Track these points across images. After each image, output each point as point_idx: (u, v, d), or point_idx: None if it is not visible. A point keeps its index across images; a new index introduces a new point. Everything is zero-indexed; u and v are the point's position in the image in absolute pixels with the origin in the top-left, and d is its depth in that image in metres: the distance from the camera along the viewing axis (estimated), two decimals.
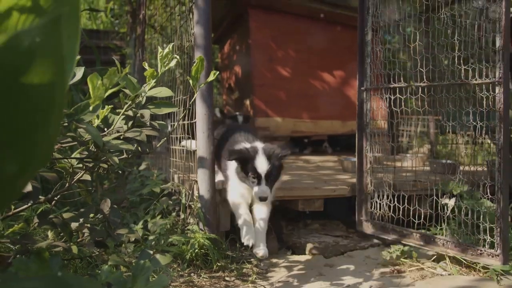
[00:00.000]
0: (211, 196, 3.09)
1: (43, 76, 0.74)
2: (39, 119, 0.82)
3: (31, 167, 0.86)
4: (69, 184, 2.29)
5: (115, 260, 1.96)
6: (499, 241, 2.77)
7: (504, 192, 2.76)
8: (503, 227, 2.76)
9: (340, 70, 6.43)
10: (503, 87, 2.71)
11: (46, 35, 0.71)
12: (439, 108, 3.20)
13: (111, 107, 2.13)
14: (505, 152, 2.75)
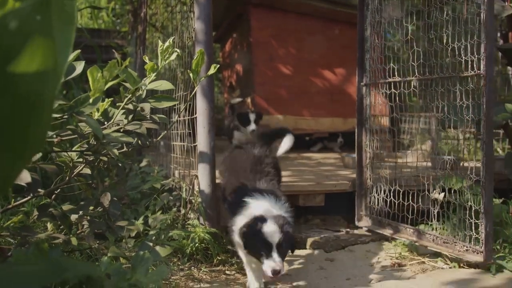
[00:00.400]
0: (211, 190, 3.10)
1: (33, 59, 0.74)
2: (30, 105, 0.82)
3: (23, 156, 0.87)
4: (69, 178, 2.30)
5: (115, 252, 1.97)
6: (483, 238, 2.72)
7: (488, 187, 2.70)
8: (486, 223, 2.70)
9: (341, 68, 6.43)
10: (487, 80, 2.65)
11: (34, 16, 0.70)
12: (429, 102, 3.18)
13: (111, 100, 2.14)
14: (488, 147, 2.70)
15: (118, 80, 2.05)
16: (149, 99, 2.33)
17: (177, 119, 3.39)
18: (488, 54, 2.63)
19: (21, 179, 1.85)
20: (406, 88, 3.18)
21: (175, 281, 2.70)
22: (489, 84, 2.63)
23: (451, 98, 2.95)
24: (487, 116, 2.66)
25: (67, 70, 2.12)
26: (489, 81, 2.64)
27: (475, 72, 2.71)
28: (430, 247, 3.05)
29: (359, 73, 3.49)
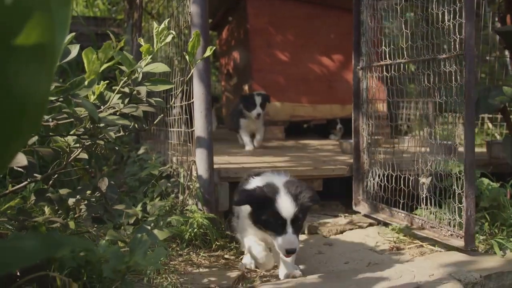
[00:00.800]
0: (209, 175, 3.09)
1: (31, 35, 0.72)
2: (27, 82, 0.80)
3: (19, 136, 0.85)
4: (66, 163, 2.29)
5: (113, 235, 1.96)
6: (464, 222, 2.69)
7: (469, 171, 2.66)
8: (467, 207, 2.66)
9: (339, 54, 6.40)
10: (466, 60, 2.61)
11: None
12: (417, 85, 3.16)
13: (106, 82, 2.12)
14: (469, 129, 2.66)
15: (114, 62, 2.03)
16: (145, 82, 2.31)
17: (174, 103, 3.37)
18: (467, 34, 2.58)
19: (17, 162, 1.83)
20: (396, 71, 3.16)
21: (174, 266, 2.70)
22: (469, 64, 2.59)
23: (436, 80, 2.92)
24: (468, 98, 2.62)
25: (63, 53, 2.11)
26: (469, 61, 2.59)
27: (456, 52, 2.68)
28: (418, 232, 3.05)
29: (355, 56, 3.47)
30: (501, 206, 3.33)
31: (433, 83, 2.96)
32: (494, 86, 3.81)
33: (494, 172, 3.79)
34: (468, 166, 2.63)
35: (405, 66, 3.21)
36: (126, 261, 1.85)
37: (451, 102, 2.86)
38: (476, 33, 3.31)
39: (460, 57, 2.66)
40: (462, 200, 2.71)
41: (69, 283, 1.74)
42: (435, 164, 3.07)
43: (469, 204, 2.65)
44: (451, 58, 2.74)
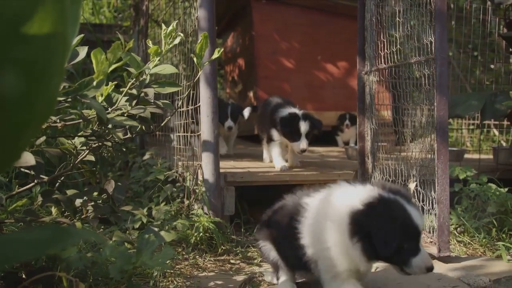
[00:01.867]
0: (215, 179, 3.08)
1: (43, 24, 0.72)
2: (39, 72, 0.80)
3: (30, 125, 0.85)
4: (73, 165, 2.28)
5: (119, 236, 1.96)
6: (436, 228, 2.65)
7: (441, 175, 2.63)
8: (439, 213, 2.62)
9: (344, 61, 6.41)
10: (437, 63, 2.59)
11: None
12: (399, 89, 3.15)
13: (115, 83, 2.12)
14: (441, 132, 2.63)
15: (122, 62, 2.04)
16: (153, 85, 2.32)
17: (180, 106, 3.38)
18: (438, 37, 2.57)
19: (25, 161, 1.83)
20: (401, 73, 3.16)
21: (179, 269, 2.68)
22: (440, 67, 2.57)
23: (411, 85, 2.92)
24: (439, 102, 2.60)
25: (71, 54, 2.11)
26: (440, 64, 2.58)
27: (428, 56, 2.67)
28: None
29: (359, 60, 3.47)
30: (509, 212, 3.30)
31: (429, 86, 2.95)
32: (501, 92, 3.80)
33: (501, 178, 3.77)
34: (441, 171, 2.60)
35: (409, 68, 3.20)
36: (133, 262, 1.84)
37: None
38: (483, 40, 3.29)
39: (431, 61, 2.66)
40: (434, 206, 2.67)
41: (76, 283, 1.73)
42: (420, 171, 3.03)
43: (442, 210, 2.61)
44: (419, 62, 2.75)
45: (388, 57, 3.19)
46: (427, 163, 2.92)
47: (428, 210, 2.86)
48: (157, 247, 1.85)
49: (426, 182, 2.91)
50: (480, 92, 4.45)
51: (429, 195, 2.79)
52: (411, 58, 2.84)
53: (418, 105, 3.52)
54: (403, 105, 3.81)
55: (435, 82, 2.62)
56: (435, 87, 2.62)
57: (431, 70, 2.69)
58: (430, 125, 2.93)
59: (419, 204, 2.95)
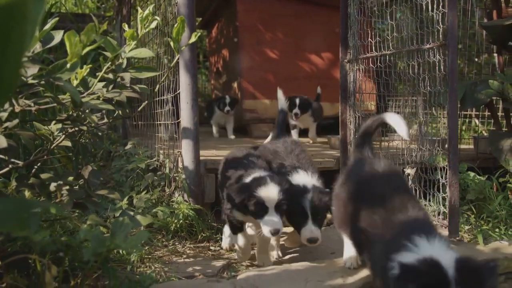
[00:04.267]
0: (195, 167, 3.07)
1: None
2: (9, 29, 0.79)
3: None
4: (49, 150, 2.26)
5: (94, 219, 1.94)
6: (447, 211, 2.70)
7: (453, 160, 2.67)
8: (451, 196, 2.67)
9: (328, 53, 6.41)
10: (449, 50, 2.62)
11: None
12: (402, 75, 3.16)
13: (89, 66, 2.10)
14: (452, 119, 2.66)
15: (96, 45, 2.01)
16: (130, 69, 2.30)
17: (158, 92, 3.35)
18: (450, 24, 2.59)
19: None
20: (383, 63, 3.17)
21: (158, 256, 2.68)
22: (451, 54, 2.60)
23: (420, 71, 2.94)
24: (451, 87, 2.63)
25: (46, 38, 2.09)
26: (452, 51, 2.60)
27: (439, 43, 2.69)
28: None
29: (342, 49, 3.48)
30: (487, 199, 3.34)
31: (417, 74, 2.97)
32: (481, 81, 3.82)
33: (481, 166, 3.81)
34: (452, 155, 2.64)
35: (392, 58, 3.22)
36: (107, 245, 1.82)
37: (435, 93, 2.87)
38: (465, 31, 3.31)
39: (443, 47, 2.67)
40: (446, 189, 2.71)
41: (48, 265, 1.71)
42: (420, 156, 3.08)
43: (453, 193, 2.65)
44: (434, 48, 2.75)
45: (377, 47, 3.21)
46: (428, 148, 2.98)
47: (432, 194, 2.90)
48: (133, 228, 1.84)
49: (425, 168, 3.01)
50: (460, 81, 4.47)
51: (434, 180, 2.88)
52: (424, 45, 2.83)
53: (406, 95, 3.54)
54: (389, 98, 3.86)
55: (447, 68, 2.64)
56: (447, 72, 2.65)
57: (438, 56, 2.72)
58: (414, 116, 2.98)
59: (421, 189, 2.99)
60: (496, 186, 3.49)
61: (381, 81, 3.59)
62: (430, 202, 2.96)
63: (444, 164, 3.82)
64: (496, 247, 2.69)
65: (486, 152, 4.20)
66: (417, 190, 3.04)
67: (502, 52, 4.10)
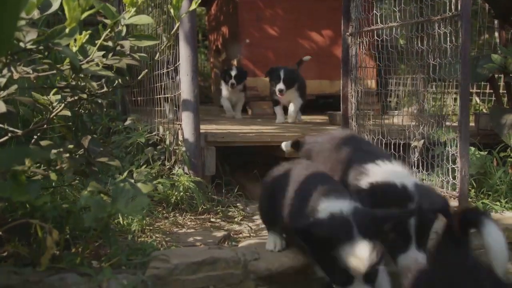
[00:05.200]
0: (195, 139, 3.06)
1: None
2: None
3: None
4: (48, 119, 2.24)
5: (94, 186, 1.93)
6: (458, 182, 2.70)
7: (464, 131, 2.67)
8: (461, 167, 2.67)
9: (329, 30, 6.34)
10: (463, 20, 2.59)
11: None
12: (410, 47, 3.12)
13: (89, 32, 2.07)
14: (464, 89, 2.65)
15: (95, 10, 1.98)
16: (129, 37, 2.27)
17: (158, 59, 3.32)
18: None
19: None
20: (388, 36, 3.14)
21: (159, 226, 2.68)
22: (465, 24, 2.56)
23: (430, 43, 2.90)
24: (464, 59, 2.60)
25: (43, 4, 2.05)
26: (466, 21, 2.57)
27: (452, 13, 2.66)
28: None
29: (344, 22, 3.45)
30: (488, 173, 3.34)
31: (426, 46, 2.93)
32: (483, 56, 3.80)
33: (481, 142, 3.80)
34: (463, 126, 2.63)
35: (397, 31, 3.18)
36: (108, 210, 1.82)
37: (445, 64, 2.84)
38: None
39: (456, 18, 2.63)
40: (456, 160, 2.71)
41: (49, 229, 1.71)
42: (428, 128, 3.07)
43: (464, 164, 2.66)
44: (446, 19, 2.71)
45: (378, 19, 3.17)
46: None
47: (440, 166, 2.90)
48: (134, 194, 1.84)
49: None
50: None
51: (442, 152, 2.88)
52: (435, 16, 2.78)
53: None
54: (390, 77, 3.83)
55: (461, 38, 2.60)
56: (459, 43, 2.61)
57: (450, 27, 2.69)
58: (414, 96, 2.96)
59: (428, 161, 2.98)
60: (497, 161, 3.48)
61: (383, 56, 3.56)
62: (437, 173, 2.96)
63: (454, 136, 3.82)
64: (497, 219, 2.70)
65: (486, 128, 4.19)
66: (425, 162, 3.03)
67: (505, 27, 4.06)
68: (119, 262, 1.94)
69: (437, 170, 3.00)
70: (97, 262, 1.98)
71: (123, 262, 1.94)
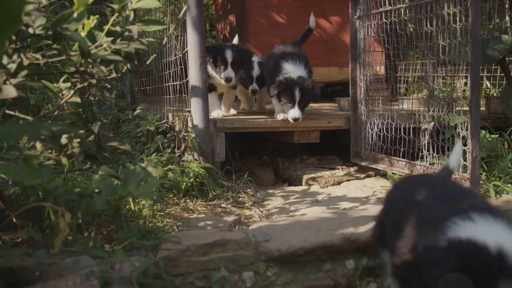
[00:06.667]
0: (205, 125, 3.07)
1: None
2: None
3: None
4: (58, 105, 2.26)
5: (106, 170, 1.94)
6: (469, 163, 2.69)
7: (474, 111, 2.64)
8: (472, 148, 2.66)
9: (337, 16, 6.30)
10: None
11: None
12: (419, 29, 3.09)
13: (96, 17, 2.07)
14: (475, 67, 2.62)
15: None
16: (137, 23, 2.27)
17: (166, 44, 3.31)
18: None
19: (6, 94, 1.80)
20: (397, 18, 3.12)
21: (170, 212, 2.69)
22: (475, 4, 2.52)
23: (439, 24, 2.87)
24: (474, 37, 2.57)
25: None
26: (475, 0, 2.52)
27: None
28: None
29: (352, 5, 3.42)
30: (499, 156, 3.31)
31: (436, 27, 2.90)
32: (493, 37, 3.75)
33: (492, 126, 3.77)
34: (474, 107, 2.60)
35: (405, 13, 3.15)
36: (119, 193, 1.83)
37: (454, 45, 2.81)
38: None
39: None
40: (467, 142, 2.68)
41: (62, 211, 1.73)
42: (438, 110, 3.05)
43: (475, 145, 2.64)
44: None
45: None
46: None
47: (449, 148, 2.91)
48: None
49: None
50: None
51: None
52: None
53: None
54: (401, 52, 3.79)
55: (471, 18, 2.56)
56: (469, 22, 2.58)
57: (459, 7, 2.66)
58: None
59: (439, 143, 2.96)
60: (508, 143, 3.45)
61: (391, 39, 3.54)
62: (447, 156, 2.94)
63: (465, 119, 3.81)
64: (508, 200, 2.69)
65: (497, 111, 4.16)
66: (435, 144, 3.01)
67: None
68: (131, 244, 1.95)
69: (448, 153, 2.98)
70: (110, 246, 1.99)
71: (135, 244, 1.95)
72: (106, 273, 1.71)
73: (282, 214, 2.81)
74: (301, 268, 2.00)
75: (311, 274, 2.01)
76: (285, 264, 1.97)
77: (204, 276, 1.86)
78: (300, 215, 2.64)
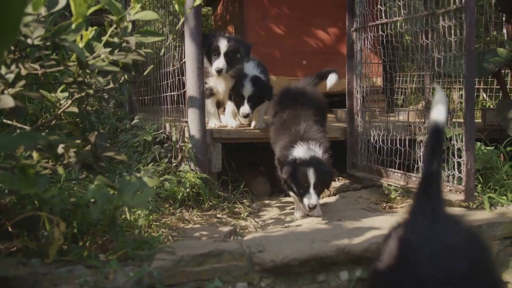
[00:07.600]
0: (201, 135, 3.08)
1: None
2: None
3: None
4: (56, 115, 2.27)
5: (101, 180, 1.95)
6: (464, 175, 2.69)
7: (469, 124, 2.66)
8: (467, 160, 2.67)
9: (335, 27, 6.35)
10: (467, 13, 2.57)
11: None
12: (414, 41, 3.12)
13: (95, 28, 2.10)
14: (469, 81, 2.64)
15: (100, 5, 2.01)
16: (135, 34, 2.29)
17: (164, 54, 3.33)
18: None
19: (3, 104, 1.82)
20: (393, 30, 3.15)
21: (165, 222, 2.70)
22: (469, 17, 2.56)
23: (434, 37, 2.90)
24: (469, 50, 2.59)
25: (50, 2, 2.08)
26: (470, 14, 2.56)
27: (455, 6, 2.65)
28: (415, 190, 3.04)
29: (349, 18, 3.45)
30: (494, 168, 3.33)
31: (431, 40, 2.93)
32: (489, 50, 3.78)
33: (488, 138, 3.79)
34: (469, 119, 2.62)
35: (401, 25, 3.18)
36: (115, 202, 1.84)
37: (450, 58, 2.83)
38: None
39: (460, 10, 2.63)
40: (462, 154, 2.70)
41: (57, 221, 1.74)
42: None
43: (469, 157, 2.65)
44: (450, 12, 2.71)
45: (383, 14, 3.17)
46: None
47: (446, 160, 2.89)
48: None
49: None
50: None
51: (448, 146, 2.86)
52: (439, 9, 2.78)
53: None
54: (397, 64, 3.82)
55: (465, 30, 2.59)
56: (464, 35, 2.61)
57: (454, 20, 2.69)
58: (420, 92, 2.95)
59: None
60: (504, 155, 3.47)
61: (388, 51, 3.56)
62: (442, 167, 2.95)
63: (460, 131, 3.84)
64: (503, 212, 2.70)
65: (493, 123, 4.18)
66: None
67: (511, 21, 4.04)
68: (125, 254, 1.96)
69: (443, 164, 2.99)
70: (104, 256, 2.00)
71: (130, 254, 1.96)
72: (100, 283, 1.72)
73: (277, 225, 2.81)
74: (295, 279, 2.01)
75: (305, 285, 2.02)
76: (279, 275, 1.98)
77: (198, 286, 1.87)
78: (295, 226, 2.65)
